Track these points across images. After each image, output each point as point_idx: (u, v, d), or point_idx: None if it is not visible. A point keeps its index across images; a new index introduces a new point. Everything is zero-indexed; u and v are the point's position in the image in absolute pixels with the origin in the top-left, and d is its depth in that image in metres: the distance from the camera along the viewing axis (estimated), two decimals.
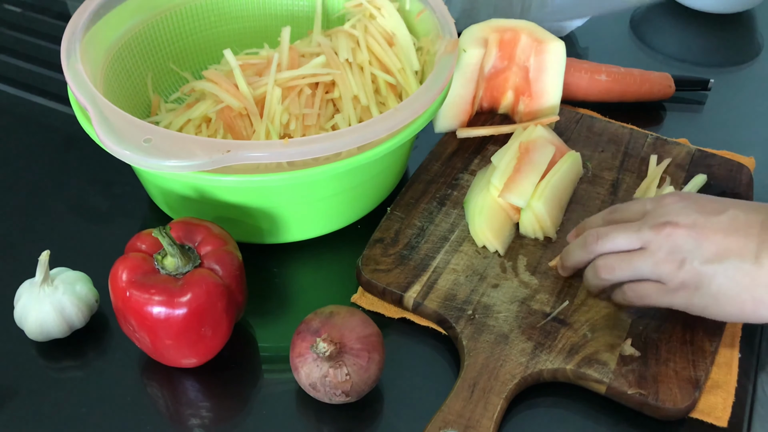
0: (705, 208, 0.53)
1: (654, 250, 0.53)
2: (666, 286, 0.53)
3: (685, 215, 0.53)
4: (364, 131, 0.57)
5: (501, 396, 0.54)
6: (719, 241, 0.51)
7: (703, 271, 0.51)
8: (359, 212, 0.68)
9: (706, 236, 0.51)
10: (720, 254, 0.51)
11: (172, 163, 0.54)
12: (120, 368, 0.57)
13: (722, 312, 0.52)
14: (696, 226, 0.52)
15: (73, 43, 0.63)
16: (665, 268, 0.53)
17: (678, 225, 0.52)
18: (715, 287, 0.51)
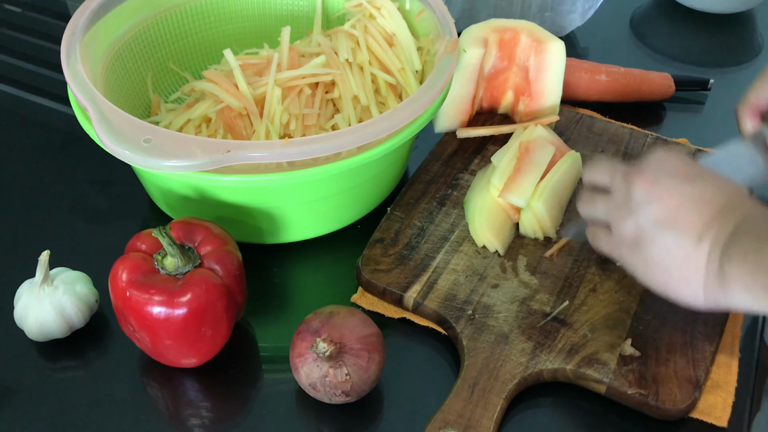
0: (680, 171, 0.51)
1: (614, 194, 0.53)
2: (612, 234, 0.53)
3: (654, 171, 0.51)
4: (364, 131, 0.57)
5: (501, 396, 0.54)
6: (672, 208, 0.49)
7: (646, 231, 0.50)
8: (359, 212, 0.68)
9: (661, 198, 0.50)
10: (667, 221, 0.49)
11: (172, 163, 0.54)
12: (120, 368, 0.57)
13: (649, 278, 0.51)
14: (658, 184, 0.50)
15: (73, 43, 0.63)
16: (615, 214, 0.52)
17: (642, 177, 0.51)
18: (651, 251, 0.50)
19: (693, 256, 0.49)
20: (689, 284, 0.49)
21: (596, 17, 0.94)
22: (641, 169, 0.52)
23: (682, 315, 0.59)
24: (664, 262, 0.50)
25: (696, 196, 0.50)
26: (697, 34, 0.98)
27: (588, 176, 0.57)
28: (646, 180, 0.51)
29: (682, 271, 0.49)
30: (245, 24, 0.80)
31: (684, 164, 0.52)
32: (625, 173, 0.52)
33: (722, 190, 0.50)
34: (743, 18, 1.00)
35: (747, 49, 0.96)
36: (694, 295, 0.49)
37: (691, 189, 0.50)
